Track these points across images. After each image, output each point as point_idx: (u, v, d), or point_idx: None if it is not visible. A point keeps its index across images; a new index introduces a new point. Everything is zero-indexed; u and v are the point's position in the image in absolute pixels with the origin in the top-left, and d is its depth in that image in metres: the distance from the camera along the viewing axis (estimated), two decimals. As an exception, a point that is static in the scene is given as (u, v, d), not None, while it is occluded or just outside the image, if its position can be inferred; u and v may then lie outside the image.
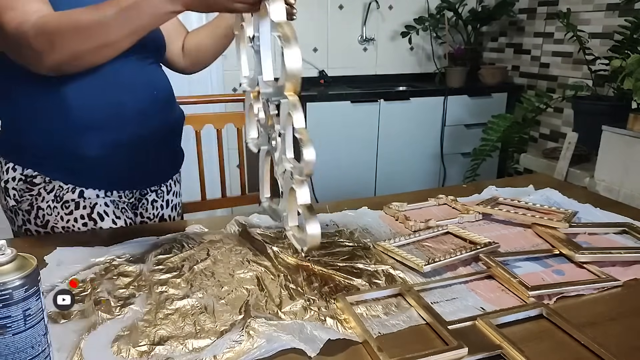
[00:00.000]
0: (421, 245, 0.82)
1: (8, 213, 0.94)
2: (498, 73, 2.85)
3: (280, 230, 0.86)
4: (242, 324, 0.58)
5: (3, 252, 0.44)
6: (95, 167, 0.91)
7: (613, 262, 0.75)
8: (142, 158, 0.96)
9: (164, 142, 1.01)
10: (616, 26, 2.11)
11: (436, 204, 1.01)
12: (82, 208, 0.91)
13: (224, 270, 0.72)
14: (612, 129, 1.78)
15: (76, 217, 0.91)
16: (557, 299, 0.66)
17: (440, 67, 2.99)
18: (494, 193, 1.05)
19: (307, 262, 0.74)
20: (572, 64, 2.52)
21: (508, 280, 0.68)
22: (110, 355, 0.54)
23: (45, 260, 0.74)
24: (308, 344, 0.55)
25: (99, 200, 0.93)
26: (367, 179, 2.66)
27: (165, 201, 1.06)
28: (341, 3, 2.78)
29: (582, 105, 2.18)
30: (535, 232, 0.87)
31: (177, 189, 1.11)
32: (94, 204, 0.92)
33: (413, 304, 0.64)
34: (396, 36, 2.89)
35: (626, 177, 1.75)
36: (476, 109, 2.74)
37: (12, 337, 0.44)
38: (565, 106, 2.52)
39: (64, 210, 0.91)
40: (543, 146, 2.69)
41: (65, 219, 0.91)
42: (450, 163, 2.81)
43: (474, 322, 0.60)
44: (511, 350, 0.54)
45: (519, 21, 2.84)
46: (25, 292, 0.44)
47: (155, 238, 0.84)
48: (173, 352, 0.54)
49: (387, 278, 0.70)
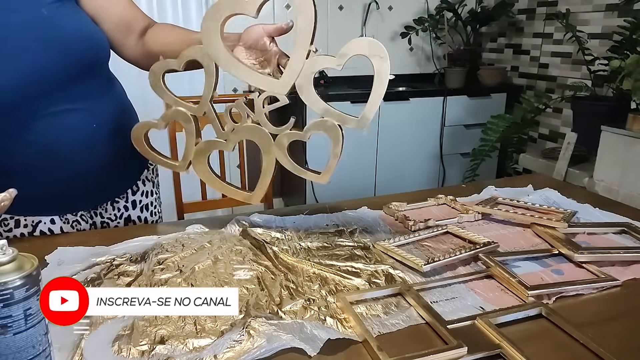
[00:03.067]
0: (421, 245, 0.82)
1: None
2: (497, 73, 2.85)
3: (281, 230, 0.86)
4: (243, 323, 0.58)
5: (4, 252, 0.44)
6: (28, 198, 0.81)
7: (612, 262, 0.75)
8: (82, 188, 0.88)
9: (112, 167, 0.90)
10: (615, 26, 2.11)
11: (436, 204, 1.01)
12: (22, 226, 0.87)
13: (224, 270, 0.73)
14: (611, 129, 1.78)
15: (16, 234, 0.87)
16: (557, 298, 0.66)
17: (439, 67, 2.99)
18: (493, 193, 1.06)
19: (307, 262, 0.74)
20: (571, 65, 2.52)
21: (507, 280, 0.68)
22: (110, 354, 0.54)
23: (46, 260, 0.74)
24: (308, 344, 0.55)
25: (43, 218, 0.88)
26: (367, 179, 2.66)
27: (130, 202, 0.99)
28: (341, 4, 2.78)
29: (581, 106, 2.19)
30: (534, 232, 0.87)
31: (150, 188, 1.03)
32: (37, 222, 0.87)
33: (413, 304, 0.64)
34: (396, 37, 2.89)
35: (625, 177, 1.75)
36: (475, 110, 2.75)
37: (13, 336, 0.44)
38: (565, 106, 2.52)
39: (2, 228, 0.86)
40: (542, 146, 2.70)
41: (5, 235, 0.86)
42: (450, 163, 2.81)
43: (474, 322, 0.60)
44: (510, 349, 0.54)
45: (518, 22, 2.84)
46: (26, 292, 0.44)
47: (156, 238, 0.84)
48: (173, 352, 0.54)
49: (386, 278, 0.71)
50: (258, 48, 0.75)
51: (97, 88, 0.86)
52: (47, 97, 0.78)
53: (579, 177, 1.96)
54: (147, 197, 1.03)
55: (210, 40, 0.71)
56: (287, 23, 0.74)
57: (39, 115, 0.78)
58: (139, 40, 0.91)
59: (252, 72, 0.74)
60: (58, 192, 0.86)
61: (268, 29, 0.75)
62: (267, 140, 0.77)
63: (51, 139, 0.80)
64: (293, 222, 0.91)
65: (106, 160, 0.88)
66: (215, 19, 0.70)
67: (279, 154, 0.78)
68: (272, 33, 0.75)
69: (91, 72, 0.84)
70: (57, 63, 0.77)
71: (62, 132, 0.81)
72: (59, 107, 0.80)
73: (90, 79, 0.84)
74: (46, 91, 0.77)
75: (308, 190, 2.52)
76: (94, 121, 0.84)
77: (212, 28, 0.70)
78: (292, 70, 0.72)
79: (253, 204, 0.87)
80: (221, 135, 0.79)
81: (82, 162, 0.84)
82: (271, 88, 0.74)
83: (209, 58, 0.73)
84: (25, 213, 0.87)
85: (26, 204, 0.83)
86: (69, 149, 0.82)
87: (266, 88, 0.74)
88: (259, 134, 0.77)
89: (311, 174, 0.79)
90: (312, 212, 0.95)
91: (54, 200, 0.87)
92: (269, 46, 0.75)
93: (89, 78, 0.83)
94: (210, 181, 0.85)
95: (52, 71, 0.77)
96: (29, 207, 0.87)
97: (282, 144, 0.78)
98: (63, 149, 0.81)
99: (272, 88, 0.74)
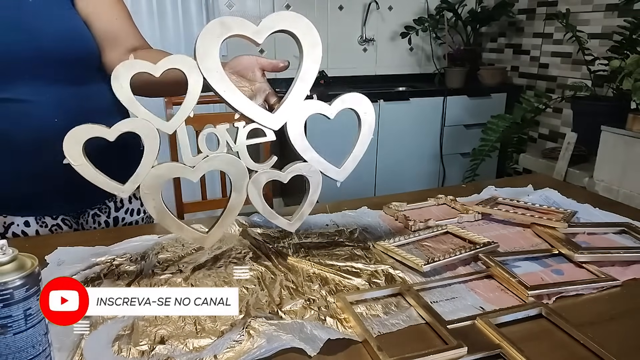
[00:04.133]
0: (421, 245, 0.82)
1: None
2: (497, 73, 2.85)
3: (281, 230, 0.86)
4: (243, 323, 0.58)
5: (4, 252, 0.44)
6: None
7: (612, 262, 0.75)
8: (46, 189, 0.85)
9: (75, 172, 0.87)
10: (615, 26, 2.11)
11: (436, 204, 1.01)
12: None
13: (224, 270, 0.73)
14: (611, 129, 1.78)
15: None
16: (557, 298, 0.66)
17: (439, 67, 3.00)
18: (493, 193, 1.06)
19: (307, 262, 0.74)
20: (571, 65, 2.52)
21: (507, 280, 0.68)
22: (110, 354, 0.54)
23: (46, 260, 0.74)
24: (308, 344, 0.55)
25: (16, 220, 0.87)
26: (367, 179, 2.66)
27: (112, 218, 0.98)
28: (341, 4, 2.78)
29: (581, 106, 2.19)
30: (534, 231, 0.87)
31: (137, 207, 1.01)
32: (9, 224, 0.87)
33: (413, 304, 0.64)
34: (396, 37, 2.89)
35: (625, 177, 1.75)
36: (475, 110, 2.75)
37: (13, 336, 0.44)
38: (565, 106, 2.52)
39: None
40: (542, 146, 2.70)
41: None
42: (450, 163, 2.81)
43: (474, 322, 0.60)
44: (510, 349, 0.54)
45: (518, 22, 2.84)
46: (26, 292, 0.44)
47: (156, 237, 0.84)
48: (173, 352, 0.54)
49: (386, 278, 0.71)
50: (246, 77, 0.72)
51: (70, 85, 0.84)
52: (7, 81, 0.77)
53: (579, 177, 1.97)
54: (132, 203, 1.00)
55: (207, 52, 0.64)
56: (285, 62, 0.72)
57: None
58: (125, 54, 0.87)
59: (245, 98, 0.68)
60: (23, 190, 0.84)
61: (262, 62, 0.72)
62: (243, 175, 0.70)
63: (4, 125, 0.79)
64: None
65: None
66: (218, 34, 0.64)
67: (252, 192, 0.71)
68: (265, 67, 0.72)
69: (66, 68, 0.82)
70: (25, 49, 0.77)
71: (17, 120, 0.79)
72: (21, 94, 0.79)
73: (63, 74, 0.82)
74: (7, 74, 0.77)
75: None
76: (56, 116, 0.81)
77: (212, 41, 0.64)
78: (288, 109, 0.69)
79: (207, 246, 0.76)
80: (189, 161, 0.69)
81: (40, 158, 0.82)
82: (263, 121, 0.69)
83: (197, 72, 0.64)
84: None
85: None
86: (23, 139, 0.80)
87: (258, 120, 0.69)
88: (235, 167, 0.70)
89: (282, 219, 0.75)
90: (312, 212, 0.95)
91: (21, 198, 0.85)
92: (259, 78, 0.71)
93: (61, 73, 0.82)
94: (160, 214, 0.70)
95: (18, 55, 0.77)
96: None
97: (258, 183, 0.71)
98: (16, 138, 0.80)
99: (265, 121, 0.69)
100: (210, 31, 0.63)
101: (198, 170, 0.69)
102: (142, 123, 0.65)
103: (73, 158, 0.64)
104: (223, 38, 0.65)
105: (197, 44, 0.64)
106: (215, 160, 0.70)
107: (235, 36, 0.66)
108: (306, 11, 2.71)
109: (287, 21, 0.66)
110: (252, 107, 0.68)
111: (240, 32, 0.65)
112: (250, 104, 0.68)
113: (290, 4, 2.69)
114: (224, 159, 0.70)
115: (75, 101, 0.84)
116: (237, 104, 0.67)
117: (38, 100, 0.80)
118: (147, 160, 0.67)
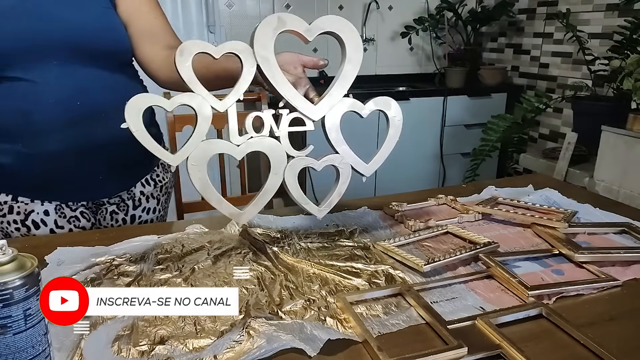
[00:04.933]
0: (421, 245, 0.82)
1: None
2: (498, 73, 2.85)
3: (281, 230, 0.86)
4: (242, 323, 0.58)
5: (4, 252, 0.44)
6: (15, 175, 0.87)
7: (612, 262, 0.75)
8: (65, 172, 0.88)
9: (99, 157, 0.90)
10: (616, 26, 2.11)
11: (436, 204, 1.01)
12: (15, 213, 0.89)
13: (224, 270, 0.73)
14: (612, 129, 1.78)
15: (9, 220, 0.89)
16: (557, 298, 0.66)
17: (440, 67, 3.00)
18: (494, 193, 1.05)
19: (307, 262, 0.74)
20: (571, 64, 2.52)
21: (507, 280, 0.68)
22: (110, 354, 0.54)
23: (46, 260, 0.74)
24: (308, 344, 0.55)
25: (36, 207, 0.90)
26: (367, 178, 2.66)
27: (130, 216, 1.01)
28: (341, 3, 2.78)
29: (581, 106, 2.18)
30: (534, 232, 0.87)
31: (153, 205, 1.04)
32: (30, 211, 0.90)
33: (413, 304, 0.64)
34: (396, 36, 2.89)
35: (625, 177, 1.75)
36: (476, 109, 2.75)
37: (13, 336, 0.44)
38: (565, 106, 2.52)
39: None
40: (542, 146, 2.70)
41: (0, 220, 0.89)
42: (450, 163, 2.81)
43: (474, 322, 0.60)
44: (511, 349, 0.54)
45: (519, 21, 2.84)
46: (25, 292, 0.44)
47: (156, 237, 0.84)
48: (173, 352, 0.54)
49: (386, 278, 0.70)
50: (289, 72, 0.77)
51: (97, 74, 0.88)
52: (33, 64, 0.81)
53: (580, 177, 1.96)
54: (150, 201, 1.03)
55: (263, 42, 0.69)
56: (324, 61, 0.79)
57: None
58: (163, 50, 0.92)
59: (291, 87, 0.73)
60: (41, 170, 0.86)
61: (304, 59, 0.79)
62: (282, 160, 0.75)
63: (27, 105, 0.82)
64: (293, 222, 0.91)
65: (88, 150, 0.87)
66: (274, 27, 0.70)
67: (289, 177, 0.76)
68: (307, 64, 0.79)
69: (94, 58, 0.87)
70: (53, 38, 0.82)
71: (39, 100, 0.82)
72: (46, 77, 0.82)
73: (90, 64, 0.86)
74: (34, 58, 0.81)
75: (308, 190, 2.52)
76: (78, 101, 0.84)
77: (269, 34, 0.69)
78: (329, 102, 0.75)
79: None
80: (236, 139, 0.74)
81: (59, 137, 0.84)
82: (306, 111, 0.74)
83: (252, 59, 0.70)
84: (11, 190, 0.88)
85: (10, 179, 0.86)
86: (43, 120, 0.83)
87: (302, 109, 0.74)
88: (276, 151, 0.75)
89: (312, 205, 0.79)
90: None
91: (40, 180, 0.88)
92: (300, 74, 0.78)
93: (87, 62, 0.86)
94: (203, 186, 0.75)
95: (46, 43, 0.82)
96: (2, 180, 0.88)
97: (295, 168, 0.76)
98: (37, 118, 0.82)
99: (307, 111, 0.74)
100: (269, 23, 0.69)
101: (242, 149, 0.74)
102: (199, 99, 0.70)
103: (132, 124, 0.68)
104: (279, 31, 0.70)
105: (256, 33, 0.69)
106: (258, 143, 0.74)
107: (288, 31, 0.71)
108: (306, 11, 2.71)
109: (337, 25, 0.73)
110: (297, 96, 0.74)
111: (293, 27, 0.71)
112: (295, 93, 0.73)
113: (291, 3, 2.69)
114: (266, 142, 0.75)
115: (98, 89, 0.87)
116: (285, 92, 0.73)
117: (62, 84, 0.83)
118: (197, 134, 0.71)
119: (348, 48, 0.74)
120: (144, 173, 1.02)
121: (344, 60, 0.74)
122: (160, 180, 1.05)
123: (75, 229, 0.93)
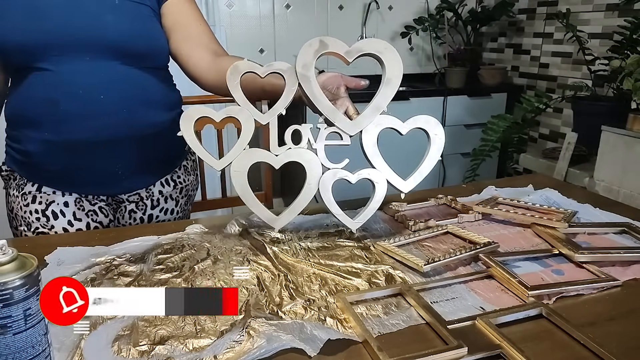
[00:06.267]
0: (421, 245, 0.82)
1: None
2: (498, 73, 2.85)
3: (281, 230, 0.86)
4: (242, 323, 0.58)
5: (4, 252, 0.44)
6: (39, 164, 0.91)
7: (612, 262, 0.75)
8: (85, 163, 0.91)
9: (119, 152, 0.93)
10: (616, 26, 2.11)
11: (436, 204, 1.01)
12: (37, 203, 0.93)
13: (224, 270, 0.73)
14: (612, 129, 1.78)
15: (32, 210, 0.92)
16: (557, 298, 0.66)
17: (440, 67, 2.99)
18: (494, 193, 1.05)
19: (307, 262, 0.74)
20: (571, 64, 2.52)
21: (507, 280, 0.68)
22: (110, 354, 0.54)
23: (46, 260, 0.75)
24: (308, 344, 0.55)
25: (57, 199, 0.93)
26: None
27: (147, 216, 1.03)
28: (341, 3, 2.78)
29: (581, 106, 2.18)
30: (534, 232, 0.87)
31: (167, 191, 1.05)
32: (51, 201, 0.93)
33: (413, 304, 0.64)
34: (396, 36, 2.89)
35: (625, 177, 1.75)
36: (476, 109, 2.75)
37: (13, 336, 0.44)
38: (565, 106, 2.52)
39: (23, 201, 0.93)
40: (542, 146, 2.70)
41: (24, 209, 0.93)
42: (450, 163, 2.81)
43: (474, 322, 0.60)
44: (511, 350, 0.54)
45: (519, 21, 2.84)
46: (25, 292, 0.44)
47: (156, 238, 0.84)
48: (173, 352, 0.54)
49: (386, 278, 0.70)
50: (330, 91, 0.82)
51: (127, 73, 0.90)
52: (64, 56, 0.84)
53: (580, 177, 1.96)
54: (168, 202, 1.06)
55: (306, 62, 0.75)
56: (366, 82, 0.84)
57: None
58: (207, 55, 0.97)
59: (330, 104, 0.78)
60: (63, 160, 0.90)
61: (347, 79, 0.83)
62: (318, 172, 0.79)
63: (55, 94, 0.85)
64: (293, 222, 0.91)
65: (108, 142, 0.90)
66: (316, 49, 0.75)
67: (323, 187, 0.80)
68: (349, 84, 0.83)
69: (127, 58, 0.89)
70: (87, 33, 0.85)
71: (67, 91, 0.85)
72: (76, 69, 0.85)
73: (122, 63, 0.89)
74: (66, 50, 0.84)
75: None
76: (102, 94, 0.87)
77: (311, 55, 0.75)
78: (366, 118, 0.79)
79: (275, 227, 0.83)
80: (275, 149, 0.79)
81: (83, 128, 0.87)
82: (344, 126, 0.79)
83: (295, 78, 0.75)
84: (24, 173, 0.93)
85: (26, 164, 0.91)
86: (68, 110, 0.85)
87: (339, 124, 0.78)
88: (312, 162, 0.79)
89: (346, 217, 0.82)
90: (312, 212, 0.95)
91: (61, 169, 0.91)
92: (342, 93, 0.82)
93: (120, 60, 0.89)
94: (243, 190, 0.80)
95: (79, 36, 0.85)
96: (29, 170, 0.92)
97: (330, 179, 0.80)
98: (63, 109, 0.85)
99: (344, 127, 0.79)
100: (311, 45, 0.75)
101: (281, 159, 0.79)
102: (244, 112, 0.77)
103: (186, 132, 0.77)
104: (320, 53, 0.76)
105: (299, 54, 0.75)
106: (296, 154, 0.79)
107: (329, 53, 0.77)
108: (306, 11, 2.71)
109: (377, 46, 0.77)
110: (335, 112, 0.79)
111: (334, 50, 0.76)
112: (333, 109, 0.78)
113: (291, 4, 2.69)
114: (303, 153, 0.79)
115: (125, 86, 0.90)
116: (323, 108, 0.78)
117: (91, 78, 0.86)
118: (241, 143, 0.78)
119: (388, 68, 0.78)
120: (164, 173, 1.04)
121: (383, 81, 0.78)
122: (181, 182, 1.08)
123: (92, 222, 0.95)
